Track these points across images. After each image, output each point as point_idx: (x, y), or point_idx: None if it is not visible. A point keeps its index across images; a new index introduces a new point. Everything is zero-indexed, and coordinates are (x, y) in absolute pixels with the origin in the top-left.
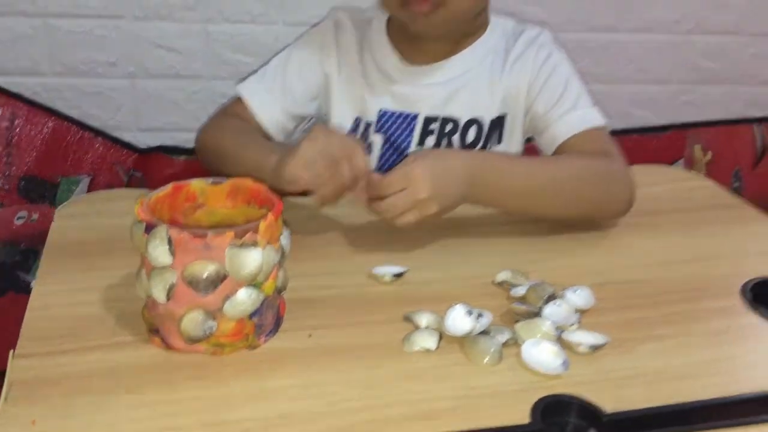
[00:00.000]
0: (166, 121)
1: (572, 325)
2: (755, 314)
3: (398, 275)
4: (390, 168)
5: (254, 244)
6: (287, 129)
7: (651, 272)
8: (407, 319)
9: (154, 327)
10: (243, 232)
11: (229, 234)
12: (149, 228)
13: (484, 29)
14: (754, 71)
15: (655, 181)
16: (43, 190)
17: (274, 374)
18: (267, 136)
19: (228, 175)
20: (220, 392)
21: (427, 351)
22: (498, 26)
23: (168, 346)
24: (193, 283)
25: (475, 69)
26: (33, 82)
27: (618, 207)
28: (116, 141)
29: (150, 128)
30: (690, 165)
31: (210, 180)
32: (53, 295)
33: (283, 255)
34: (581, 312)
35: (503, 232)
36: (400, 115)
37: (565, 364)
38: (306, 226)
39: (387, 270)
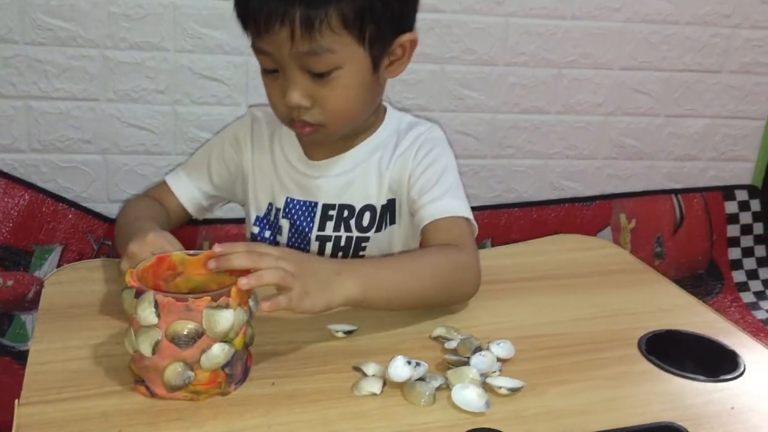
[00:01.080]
0: (135, 193)
1: (495, 372)
2: (648, 362)
3: (349, 332)
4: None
5: (227, 306)
6: (203, 206)
7: (563, 327)
8: (356, 368)
9: (139, 378)
10: (218, 296)
11: (206, 298)
12: (138, 293)
13: (379, 124)
14: (670, 148)
15: (572, 249)
16: (18, 258)
17: (243, 416)
18: (185, 213)
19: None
20: (198, 431)
21: (373, 395)
22: (393, 121)
23: (152, 394)
24: (175, 339)
25: (365, 163)
26: (11, 158)
27: (466, 291)
28: (88, 212)
29: (120, 200)
30: (616, 232)
31: (188, 252)
32: (48, 352)
33: (251, 315)
34: (503, 361)
35: None
36: (303, 203)
37: (488, 404)
38: (270, 291)
39: (340, 327)
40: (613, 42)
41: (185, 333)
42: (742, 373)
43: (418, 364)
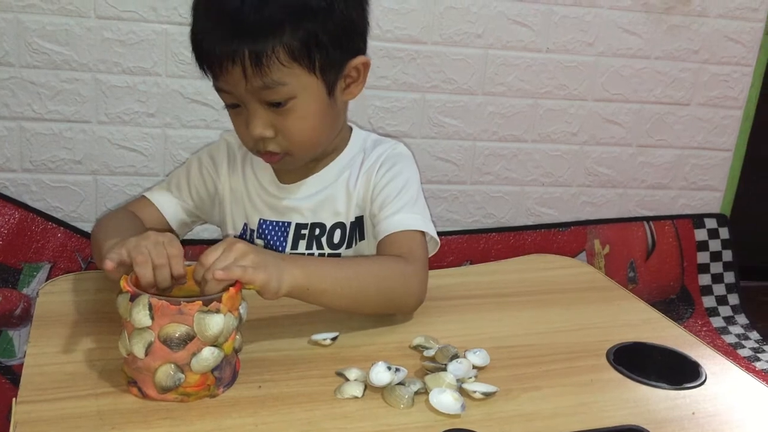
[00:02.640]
0: None
1: (470, 378)
2: (616, 371)
3: (333, 339)
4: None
5: (218, 311)
6: (185, 222)
7: (536, 339)
8: (339, 374)
9: (132, 379)
10: (209, 301)
11: (198, 302)
12: (133, 297)
13: (345, 144)
14: (642, 177)
15: (546, 267)
16: (6, 275)
17: (231, 416)
18: (167, 229)
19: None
20: (188, 429)
21: (355, 398)
22: (358, 141)
23: (144, 395)
24: (167, 342)
25: (334, 183)
26: (3, 177)
27: (407, 302)
28: (77, 231)
29: None
30: (591, 257)
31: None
32: (44, 356)
33: (240, 321)
34: (479, 368)
35: (420, 308)
36: (276, 223)
37: (463, 406)
38: (258, 301)
39: (324, 335)
40: (587, 74)
41: (177, 335)
42: (703, 382)
43: (397, 369)
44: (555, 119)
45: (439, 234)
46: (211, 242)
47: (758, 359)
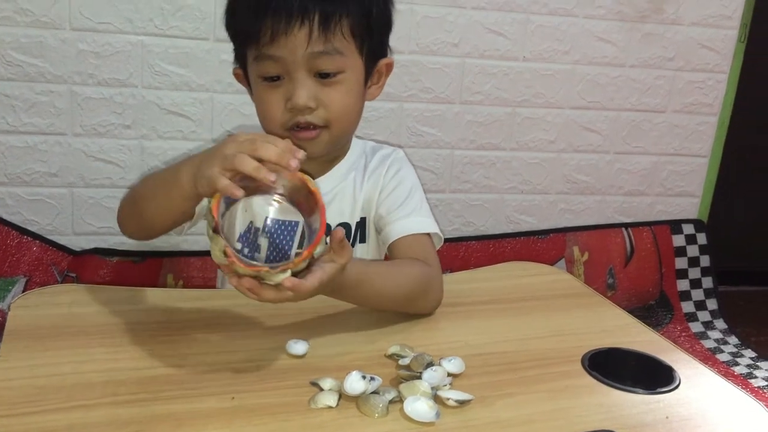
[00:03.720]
0: (100, 225)
1: (445, 385)
2: (590, 377)
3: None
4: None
5: (284, 270)
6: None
7: (511, 346)
8: (313, 384)
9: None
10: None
11: (265, 268)
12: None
13: (348, 148)
14: (620, 184)
15: (523, 275)
16: None
17: (205, 427)
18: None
19: (144, 213)
20: None
21: (329, 407)
22: (358, 147)
23: None
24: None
25: (342, 183)
26: None
27: (430, 305)
28: (53, 244)
29: (86, 232)
30: (570, 264)
31: None
32: (14, 370)
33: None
34: (454, 376)
35: (395, 315)
36: (284, 222)
37: (438, 414)
38: (231, 312)
39: (298, 345)
40: (564, 83)
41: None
42: (677, 386)
43: (372, 378)
44: (533, 127)
45: None
46: (196, 254)
47: (737, 363)
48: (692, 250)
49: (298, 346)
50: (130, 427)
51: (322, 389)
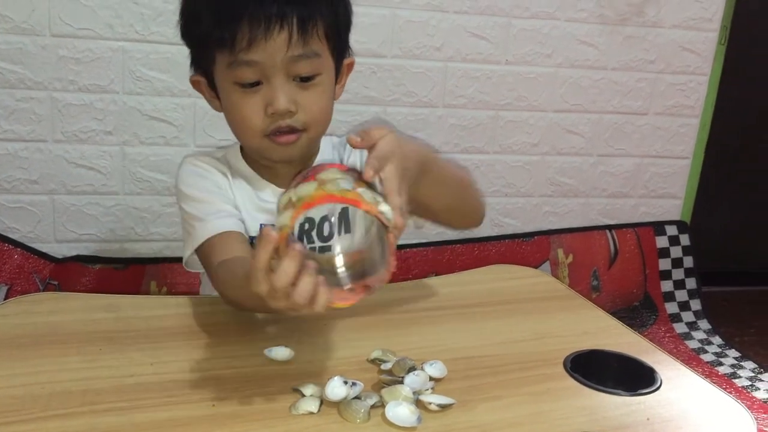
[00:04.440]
0: (82, 233)
1: (427, 389)
2: (572, 379)
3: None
4: None
5: None
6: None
7: (493, 349)
8: (295, 390)
9: None
10: None
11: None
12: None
13: (318, 150)
14: (603, 186)
15: (506, 278)
16: None
17: None
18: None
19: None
20: None
21: (311, 413)
22: (327, 143)
23: None
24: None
25: None
26: None
27: (483, 212)
28: (34, 252)
29: (67, 239)
30: (554, 266)
31: None
32: None
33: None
34: (436, 380)
35: (377, 320)
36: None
37: (419, 419)
38: (211, 319)
39: (279, 351)
40: (546, 86)
41: None
42: (658, 388)
43: (354, 383)
44: (516, 130)
45: (404, 246)
46: (179, 260)
47: (721, 363)
48: (675, 252)
49: (279, 352)
50: None
51: (303, 395)
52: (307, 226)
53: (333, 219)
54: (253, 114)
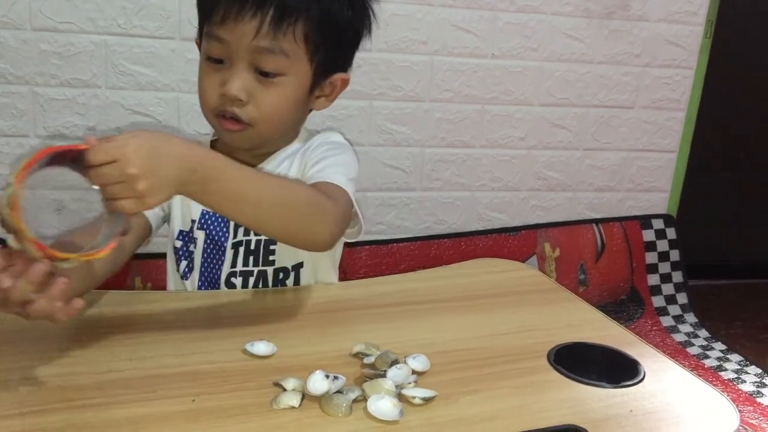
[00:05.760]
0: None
1: (410, 383)
2: (556, 372)
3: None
4: (211, 262)
5: None
6: (161, 217)
7: (477, 342)
8: (276, 384)
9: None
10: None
11: None
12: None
13: (289, 141)
14: (590, 180)
15: (491, 271)
16: None
17: (163, 430)
18: (149, 228)
19: None
20: None
21: (292, 408)
22: (303, 137)
23: None
24: None
25: (275, 171)
26: None
27: (318, 232)
28: None
29: (50, 238)
30: (541, 260)
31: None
32: None
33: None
34: (418, 373)
35: (361, 314)
36: (215, 214)
37: (401, 412)
38: (192, 313)
39: (261, 346)
40: (532, 80)
41: None
42: (641, 380)
43: (336, 377)
44: (502, 124)
45: (390, 242)
46: (164, 256)
47: (707, 356)
48: (662, 245)
49: (261, 347)
50: (89, 431)
51: (285, 389)
52: None
53: None
54: (210, 89)
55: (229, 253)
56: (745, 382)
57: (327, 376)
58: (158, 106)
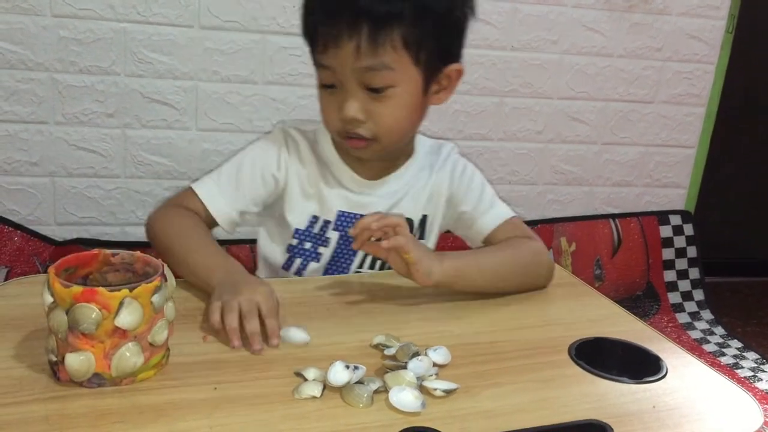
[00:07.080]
0: (83, 215)
1: (431, 375)
2: (577, 366)
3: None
4: (344, 259)
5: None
6: (235, 221)
7: (498, 336)
8: (298, 374)
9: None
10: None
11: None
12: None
13: (413, 149)
14: (608, 174)
15: None
16: None
17: (186, 417)
18: (214, 224)
19: (170, 264)
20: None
21: (313, 398)
22: (421, 145)
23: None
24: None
25: (411, 182)
26: None
27: (543, 275)
28: (34, 234)
29: (68, 222)
30: (558, 255)
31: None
32: None
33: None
34: (439, 366)
35: (382, 307)
36: (356, 216)
37: (423, 404)
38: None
39: (290, 333)
40: (551, 73)
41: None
42: (664, 376)
43: (356, 368)
44: (520, 117)
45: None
46: (244, 242)
47: (723, 354)
48: (679, 241)
49: (291, 334)
50: (108, 419)
51: (306, 379)
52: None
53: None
54: (331, 114)
55: (359, 254)
56: (761, 380)
57: (347, 367)
58: (176, 94)
